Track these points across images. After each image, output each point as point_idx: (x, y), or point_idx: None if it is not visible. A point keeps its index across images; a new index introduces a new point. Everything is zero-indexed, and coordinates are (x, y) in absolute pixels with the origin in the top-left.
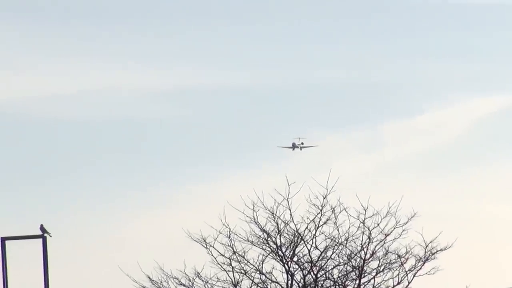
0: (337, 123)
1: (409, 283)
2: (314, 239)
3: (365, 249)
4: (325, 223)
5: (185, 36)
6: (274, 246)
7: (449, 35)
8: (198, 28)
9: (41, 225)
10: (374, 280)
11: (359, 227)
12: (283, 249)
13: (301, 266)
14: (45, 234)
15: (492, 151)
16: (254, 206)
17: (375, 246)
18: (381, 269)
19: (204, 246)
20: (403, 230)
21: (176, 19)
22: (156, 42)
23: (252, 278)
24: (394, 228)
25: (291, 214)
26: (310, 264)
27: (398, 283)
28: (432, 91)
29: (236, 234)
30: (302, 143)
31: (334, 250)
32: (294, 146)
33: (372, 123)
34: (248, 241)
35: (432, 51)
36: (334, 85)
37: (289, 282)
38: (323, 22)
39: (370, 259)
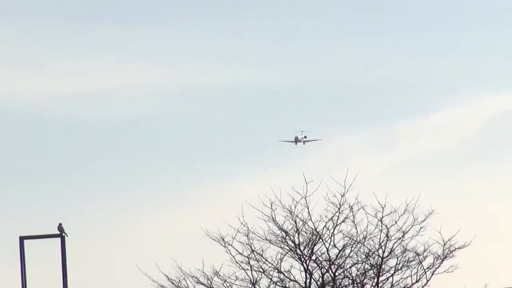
0: (351, 122)
1: (427, 281)
2: (332, 238)
3: (383, 247)
4: (343, 221)
5: (195, 34)
6: (292, 245)
7: (464, 33)
8: (205, 25)
9: (59, 224)
10: (392, 278)
11: (377, 225)
12: (301, 248)
13: (320, 265)
14: (63, 234)
15: (509, 148)
16: (272, 205)
17: (393, 244)
18: (399, 267)
19: (222, 245)
20: (421, 228)
21: (187, 17)
22: (168, 41)
23: (271, 277)
24: (412, 226)
25: (309, 213)
26: (328, 262)
27: (417, 281)
28: (447, 89)
29: (254, 233)
30: (305, 137)
31: (352, 249)
32: (296, 140)
33: (387, 121)
34: (266, 239)
35: (446, 49)
36: (348, 83)
37: (308, 280)
38: (336, 17)
39: (388, 257)
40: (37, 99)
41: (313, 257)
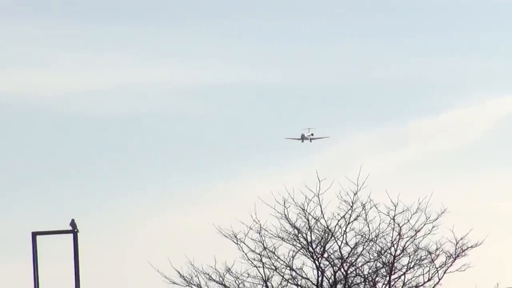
0: (364, 120)
1: (439, 279)
2: (344, 236)
3: (395, 246)
4: (355, 219)
5: (205, 33)
6: (305, 242)
7: (476, 34)
8: (217, 25)
9: (72, 220)
10: (405, 277)
11: (389, 223)
12: (314, 245)
13: (332, 263)
14: (75, 230)
15: None
16: (285, 202)
17: (406, 243)
18: (411, 266)
19: (234, 242)
20: (433, 227)
21: (200, 17)
22: (181, 40)
23: (283, 274)
24: (424, 224)
25: (321, 210)
26: (340, 260)
27: (428, 280)
28: (459, 88)
29: (267, 230)
30: (312, 134)
31: (365, 247)
32: (303, 138)
33: (399, 120)
34: (279, 237)
35: (458, 50)
36: (361, 82)
37: (320, 278)
38: (347, 17)
39: (401, 255)
40: (49, 96)
41: (325, 255)
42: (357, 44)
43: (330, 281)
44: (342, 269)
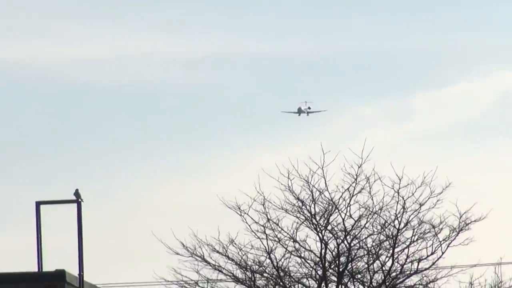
0: (367, 93)
1: (442, 253)
2: (348, 208)
3: (399, 219)
4: (359, 192)
5: (203, 5)
6: (308, 215)
7: (479, 8)
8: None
9: (76, 190)
10: (408, 250)
11: (393, 196)
12: (317, 218)
13: (335, 235)
14: (79, 200)
15: None
16: (289, 174)
17: (409, 216)
18: (415, 239)
19: (238, 214)
20: (438, 200)
21: None
22: (177, 12)
23: (286, 246)
24: (429, 198)
25: (325, 183)
26: (344, 233)
27: (432, 253)
28: (463, 62)
29: (271, 202)
30: (309, 108)
31: (368, 219)
32: (300, 111)
33: (402, 93)
34: (283, 209)
35: (463, 22)
36: (364, 54)
37: (323, 250)
38: None
39: (404, 228)
40: (53, 65)
41: (329, 227)
42: (359, 18)
43: (333, 253)
44: (345, 242)
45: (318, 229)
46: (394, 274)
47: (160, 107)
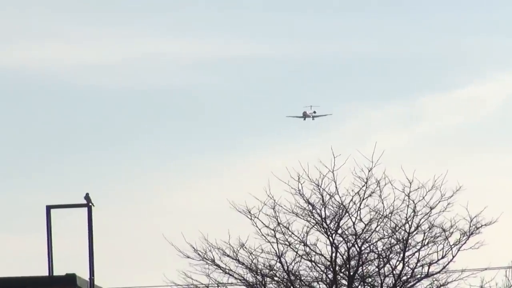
0: (376, 97)
1: (453, 257)
2: (358, 212)
3: (409, 222)
4: (370, 195)
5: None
6: (319, 218)
7: (491, 10)
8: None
9: (87, 194)
10: (419, 254)
11: (404, 200)
12: (328, 221)
13: (346, 239)
14: (90, 204)
15: None
16: (299, 178)
17: (420, 220)
18: (425, 243)
19: (248, 217)
20: (448, 204)
21: None
22: (187, 14)
23: (296, 250)
24: (439, 202)
25: (336, 187)
26: (354, 236)
27: (442, 257)
28: (472, 65)
29: (281, 206)
30: (315, 112)
31: (379, 223)
32: (305, 116)
33: (411, 96)
34: (293, 212)
35: (472, 25)
36: (373, 58)
37: (333, 254)
38: None
39: (415, 232)
40: (63, 69)
41: (339, 231)
42: (368, 21)
43: (344, 257)
44: (356, 246)
45: (329, 233)
46: (404, 278)
47: (170, 111)
